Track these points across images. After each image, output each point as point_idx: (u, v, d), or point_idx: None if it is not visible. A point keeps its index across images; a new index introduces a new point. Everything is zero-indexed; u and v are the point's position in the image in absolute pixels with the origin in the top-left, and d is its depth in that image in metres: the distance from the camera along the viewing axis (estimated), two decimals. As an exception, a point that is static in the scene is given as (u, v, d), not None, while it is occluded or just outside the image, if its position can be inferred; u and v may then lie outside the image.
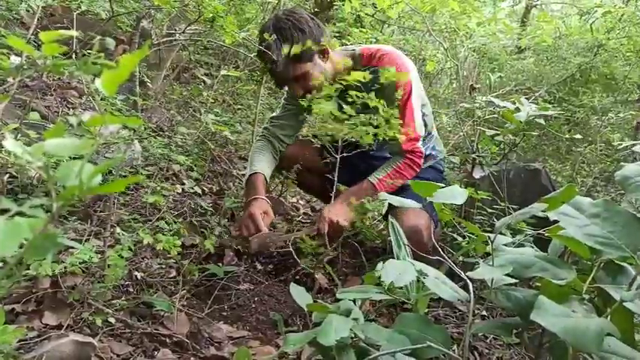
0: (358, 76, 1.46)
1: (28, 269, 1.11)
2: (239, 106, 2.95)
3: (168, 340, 1.22)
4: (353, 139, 1.52)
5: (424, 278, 0.92)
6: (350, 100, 1.47)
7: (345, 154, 1.58)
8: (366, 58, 1.78)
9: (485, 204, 1.75)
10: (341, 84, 1.49)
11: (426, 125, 1.84)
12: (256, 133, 2.03)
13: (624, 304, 0.70)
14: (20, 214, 0.37)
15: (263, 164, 1.88)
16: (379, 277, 0.93)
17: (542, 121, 1.59)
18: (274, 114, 2.01)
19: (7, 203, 0.36)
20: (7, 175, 1.43)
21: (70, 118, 0.49)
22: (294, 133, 1.99)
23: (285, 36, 1.64)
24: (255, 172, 1.83)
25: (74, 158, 0.73)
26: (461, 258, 1.47)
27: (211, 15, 1.62)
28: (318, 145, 1.72)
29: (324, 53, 1.73)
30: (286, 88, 1.91)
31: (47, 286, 1.21)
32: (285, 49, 1.62)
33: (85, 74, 0.48)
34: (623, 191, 0.87)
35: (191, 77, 3.42)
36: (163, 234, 1.32)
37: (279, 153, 1.97)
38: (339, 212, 1.63)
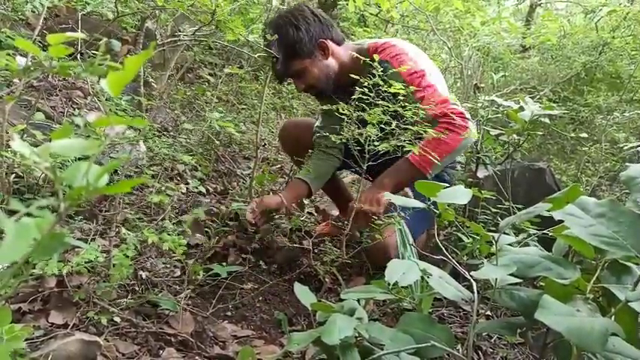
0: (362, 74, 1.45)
1: (34, 268, 1.12)
2: (243, 106, 2.95)
3: (173, 339, 1.22)
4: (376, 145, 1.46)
5: (428, 278, 0.92)
6: (359, 97, 1.45)
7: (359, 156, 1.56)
8: (371, 52, 1.73)
9: (489, 203, 1.74)
10: (353, 79, 1.46)
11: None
12: (260, 133, 2.04)
13: (629, 303, 0.70)
14: (27, 214, 0.38)
15: (312, 175, 1.85)
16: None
17: (546, 120, 1.59)
18: (317, 123, 1.97)
19: (15, 204, 0.36)
20: (14, 176, 1.44)
21: (76, 119, 0.50)
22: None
23: (281, 33, 1.65)
24: (300, 179, 1.85)
25: (80, 159, 0.73)
26: (465, 258, 1.47)
27: (215, 16, 1.62)
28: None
29: (324, 50, 1.72)
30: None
31: (53, 286, 1.22)
32: (282, 46, 1.64)
33: (91, 75, 0.48)
34: (628, 191, 0.86)
35: (195, 77, 3.43)
36: (168, 233, 1.33)
37: (335, 161, 1.95)
38: (372, 200, 1.56)
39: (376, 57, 1.45)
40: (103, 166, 0.41)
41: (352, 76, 1.47)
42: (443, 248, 1.07)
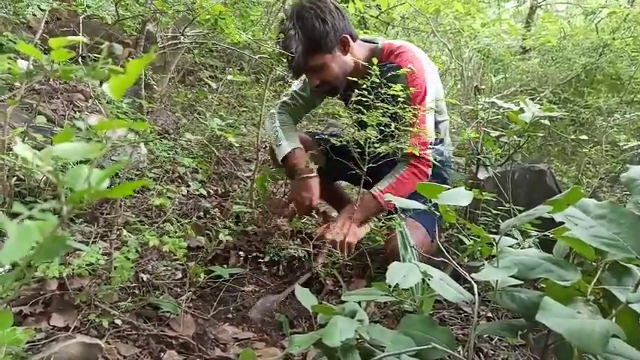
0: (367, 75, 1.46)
1: (36, 271, 1.12)
2: (244, 109, 2.96)
3: (174, 342, 1.23)
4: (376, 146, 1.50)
5: (429, 280, 0.92)
6: (364, 99, 1.45)
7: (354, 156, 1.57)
8: (386, 54, 1.73)
9: (490, 205, 1.74)
10: (359, 81, 1.47)
11: (438, 132, 1.76)
12: (261, 135, 2.04)
13: (630, 305, 0.70)
14: (30, 217, 0.38)
15: (298, 140, 1.83)
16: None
17: (547, 122, 1.59)
18: (285, 99, 1.94)
19: (18, 207, 0.36)
20: (15, 178, 1.45)
21: (78, 122, 0.50)
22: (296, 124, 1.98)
23: (306, 25, 1.60)
24: (297, 148, 1.79)
25: (81, 161, 0.74)
26: (466, 259, 1.47)
27: (211, 17, 1.62)
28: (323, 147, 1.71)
29: (345, 45, 1.68)
30: (300, 80, 1.89)
31: (54, 288, 1.22)
32: (305, 38, 1.60)
33: (93, 79, 0.48)
34: (629, 192, 0.86)
35: (196, 80, 3.44)
36: (169, 236, 1.33)
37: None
38: (344, 231, 1.59)
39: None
40: (105, 170, 0.41)
41: (356, 79, 1.48)
42: (444, 250, 1.07)
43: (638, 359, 0.69)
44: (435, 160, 1.70)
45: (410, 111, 1.48)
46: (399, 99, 1.46)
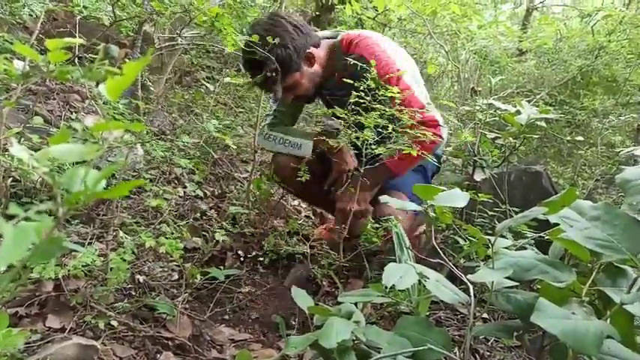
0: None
1: (32, 272, 1.12)
2: (241, 110, 2.96)
3: (170, 343, 1.22)
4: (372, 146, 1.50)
5: (425, 281, 0.92)
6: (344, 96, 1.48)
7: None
8: (345, 46, 1.74)
9: (486, 207, 1.75)
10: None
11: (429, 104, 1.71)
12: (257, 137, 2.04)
13: (624, 306, 0.70)
14: (26, 218, 0.38)
15: (305, 133, 1.87)
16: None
17: (543, 123, 1.59)
18: (269, 120, 1.95)
19: (14, 209, 0.36)
20: (11, 179, 1.44)
21: (74, 123, 0.50)
22: None
23: (270, 55, 1.59)
24: (311, 139, 1.81)
25: (77, 162, 0.73)
26: (462, 261, 1.47)
27: (207, 18, 1.62)
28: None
29: (310, 59, 1.71)
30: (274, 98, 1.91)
31: (50, 290, 1.22)
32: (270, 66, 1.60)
33: (89, 81, 0.48)
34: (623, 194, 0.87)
35: (193, 81, 3.43)
36: (166, 237, 1.33)
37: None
38: (353, 198, 1.59)
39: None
40: (101, 171, 0.41)
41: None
42: (440, 251, 1.07)
43: (632, 360, 0.70)
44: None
45: (397, 104, 1.47)
46: (371, 87, 1.45)
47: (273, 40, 1.57)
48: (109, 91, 0.43)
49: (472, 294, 0.87)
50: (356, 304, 1.00)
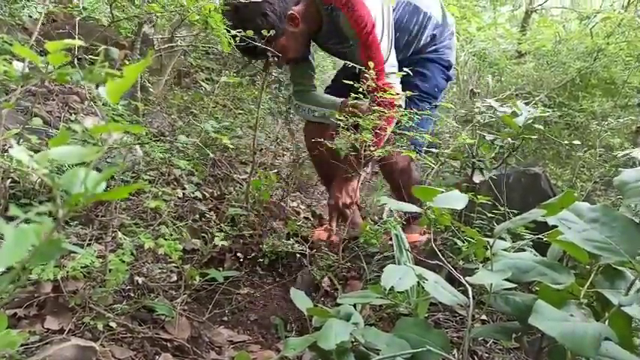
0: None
1: (31, 274, 1.11)
2: (240, 111, 2.95)
3: (169, 345, 1.22)
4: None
5: (424, 283, 0.92)
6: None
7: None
8: None
9: (484, 208, 1.75)
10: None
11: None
12: (257, 138, 2.04)
13: (622, 308, 0.70)
14: (26, 220, 0.38)
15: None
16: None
17: (541, 125, 1.60)
18: (291, 90, 2.07)
19: (14, 211, 0.36)
20: (10, 180, 1.44)
21: (74, 125, 0.50)
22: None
23: (250, 26, 1.58)
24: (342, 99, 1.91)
25: (77, 164, 0.73)
26: (461, 262, 1.47)
27: (200, 16, 1.62)
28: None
29: (293, 20, 1.73)
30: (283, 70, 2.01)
31: (49, 291, 1.21)
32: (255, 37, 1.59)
33: (89, 83, 0.48)
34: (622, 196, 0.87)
35: (192, 82, 3.43)
36: (165, 238, 1.33)
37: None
38: (342, 193, 1.72)
39: None
40: (101, 173, 0.41)
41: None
42: (439, 253, 1.07)
43: (630, 362, 0.70)
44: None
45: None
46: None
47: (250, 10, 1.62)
48: (109, 93, 0.43)
49: (471, 296, 0.87)
50: (355, 305, 1.00)
